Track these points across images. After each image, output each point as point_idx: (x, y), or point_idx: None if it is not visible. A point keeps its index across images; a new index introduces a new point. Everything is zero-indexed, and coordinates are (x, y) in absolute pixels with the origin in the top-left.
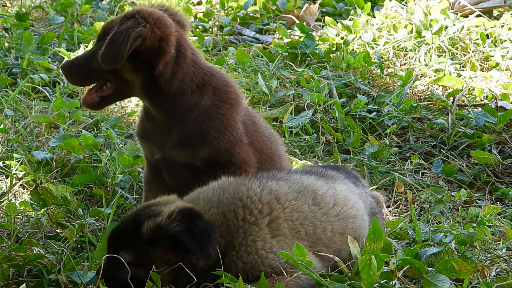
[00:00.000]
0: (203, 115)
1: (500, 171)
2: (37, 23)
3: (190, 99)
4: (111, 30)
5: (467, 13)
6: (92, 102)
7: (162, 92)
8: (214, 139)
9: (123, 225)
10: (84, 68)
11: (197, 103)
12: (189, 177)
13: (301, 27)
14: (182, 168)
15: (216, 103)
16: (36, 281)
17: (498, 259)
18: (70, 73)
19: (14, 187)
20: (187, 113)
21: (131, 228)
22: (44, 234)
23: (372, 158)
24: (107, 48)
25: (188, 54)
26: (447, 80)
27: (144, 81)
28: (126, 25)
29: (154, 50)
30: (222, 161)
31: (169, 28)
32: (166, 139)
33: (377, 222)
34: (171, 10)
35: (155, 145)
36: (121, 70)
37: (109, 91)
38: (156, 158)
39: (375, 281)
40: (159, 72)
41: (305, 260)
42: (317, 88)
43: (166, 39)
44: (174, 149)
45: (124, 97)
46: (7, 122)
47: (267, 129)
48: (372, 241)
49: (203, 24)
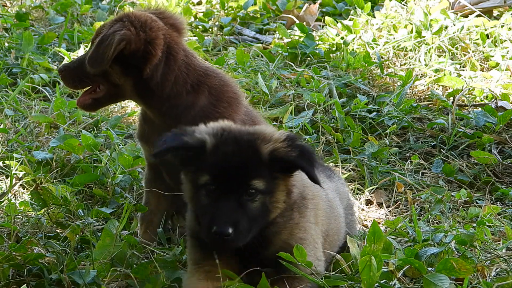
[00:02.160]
0: (200, 114)
1: (500, 171)
2: (37, 23)
3: (186, 100)
4: (101, 34)
5: (467, 13)
6: (85, 103)
7: (154, 95)
8: None
9: (240, 152)
10: (77, 71)
11: (193, 103)
12: None
13: (301, 27)
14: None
15: (213, 102)
16: (36, 280)
17: (498, 259)
18: (65, 76)
19: (14, 187)
20: (183, 114)
21: (252, 155)
22: (44, 234)
23: (372, 158)
24: (94, 51)
25: (179, 56)
26: (447, 80)
27: (134, 84)
28: (113, 29)
29: (140, 53)
30: None
31: (156, 32)
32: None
33: (377, 224)
34: (166, 13)
35: (150, 144)
36: (110, 73)
37: (101, 93)
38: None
39: (375, 282)
40: (147, 75)
41: (306, 261)
42: (317, 88)
43: (152, 42)
44: None
45: (116, 100)
46: (7, 122)
47: None
48: (372, 242)
49: (203, 24)
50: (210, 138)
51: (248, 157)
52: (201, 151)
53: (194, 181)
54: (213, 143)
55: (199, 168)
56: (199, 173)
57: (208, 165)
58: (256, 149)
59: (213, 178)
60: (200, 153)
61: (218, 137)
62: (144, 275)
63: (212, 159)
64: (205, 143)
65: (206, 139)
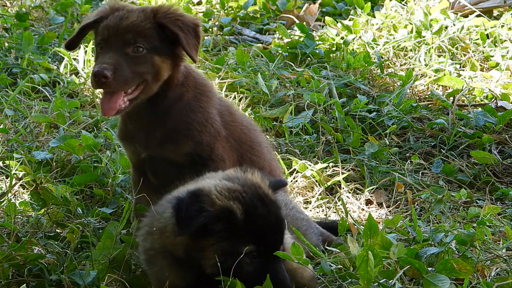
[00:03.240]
0: (186, 108)
1: (500, 171)
2: (37, 23)
3: (176, 92)
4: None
5: (467, 13)
6: (120, 107)
7: (166, 85)
8: (197, 132)
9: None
10: (130, 70)
11: (182, 95)
12: (173, 174)
13: (301, 27)
14: (166, 166)
15: (196, 96)
16: (37, 281)
17: (498, 259)
18: (119, 78)
19: (14, 187)
20: (173, 106)
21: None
22: (44, 234)
23: (372, 158)
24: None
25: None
26: (447, 80)
27: (169, 77)
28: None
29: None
30: (204, 156)
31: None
32: (150, 137)
33: (372, 218)
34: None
35: (140, 145)
36: (162, 67)
37: (137, 92)
38: (143, 158)
39: (373, 277)
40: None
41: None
42: (317, 88)
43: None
44: (159, 146)
45: (146, 96)
46: (7, 122)
47: (244, 118)
48: (368, 237)
49: (203, 24)
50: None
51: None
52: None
53: (225, 250)
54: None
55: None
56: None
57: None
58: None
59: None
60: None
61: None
62: (139, 286)
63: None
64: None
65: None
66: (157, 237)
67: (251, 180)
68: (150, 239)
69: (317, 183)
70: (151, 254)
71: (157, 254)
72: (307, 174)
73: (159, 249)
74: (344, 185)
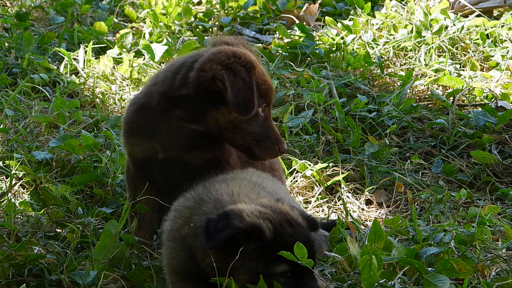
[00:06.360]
0: None
1: (500, 171)
2: (37, 23)
3: None
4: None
5: (467, 13)
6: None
7: None
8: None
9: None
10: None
11: None
12: (183, 175)
13: (301, 27)
14: (179, 167)
15: None
16: (37, 280)
17: (498, 259)
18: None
19: (14, 187)
20: None
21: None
22: (44, 234)
23: (372, 158)
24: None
25: None
26: (447, 80)
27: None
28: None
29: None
30: (223, 160)
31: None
32: (176, 141)
33: (378, 223)
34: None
35: (163, 146)
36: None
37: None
38: (160, 158)
39: (375, 281)
40: None
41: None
42: (317, 88)
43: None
44: (182, 150)
45: None
46: (7, 122)
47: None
48: (372, 241)
49: (203, 24)
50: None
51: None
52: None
53: (257, 270)
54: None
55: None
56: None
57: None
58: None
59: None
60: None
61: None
62: (140, 280)
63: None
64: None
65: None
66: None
67: (281, 207)
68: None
69: (317, 183)
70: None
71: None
72: (307, 174)
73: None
74: (344, 185)
